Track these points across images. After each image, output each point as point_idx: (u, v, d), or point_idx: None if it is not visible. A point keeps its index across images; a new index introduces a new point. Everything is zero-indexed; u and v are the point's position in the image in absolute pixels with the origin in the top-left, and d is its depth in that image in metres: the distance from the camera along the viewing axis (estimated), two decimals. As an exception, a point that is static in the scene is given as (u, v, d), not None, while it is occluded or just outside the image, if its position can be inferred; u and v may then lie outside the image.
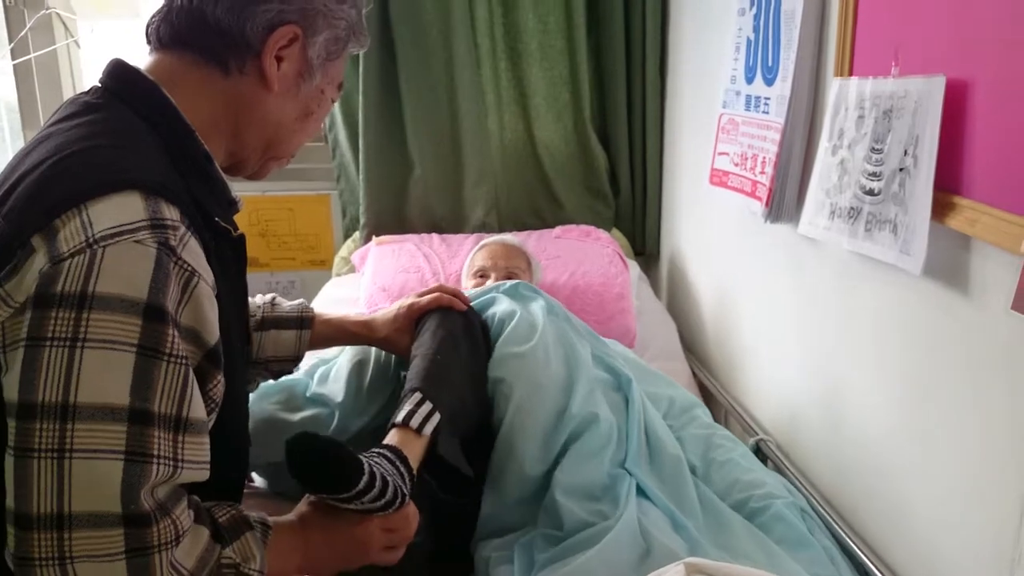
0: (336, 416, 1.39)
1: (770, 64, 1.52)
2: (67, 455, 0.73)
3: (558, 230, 2.31)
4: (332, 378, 1.45)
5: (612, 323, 1.97)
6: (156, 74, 0.94)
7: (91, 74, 2.52)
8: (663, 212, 2.47)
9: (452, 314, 1.34)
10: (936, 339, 1.11)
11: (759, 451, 1.57)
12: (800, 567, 1.16)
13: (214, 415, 0.88)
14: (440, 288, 1.40)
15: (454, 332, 1.29)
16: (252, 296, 1.25)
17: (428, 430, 1.11)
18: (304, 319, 1.34)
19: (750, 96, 1.62)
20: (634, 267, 2.28)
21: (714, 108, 1.80)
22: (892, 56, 1.16)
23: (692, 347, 2.14)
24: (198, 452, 0.81)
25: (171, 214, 0.82)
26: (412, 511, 1.04)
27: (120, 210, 0.79)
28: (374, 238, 2.32)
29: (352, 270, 2.37)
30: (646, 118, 2.41)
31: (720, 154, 1.77)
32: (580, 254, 2.15)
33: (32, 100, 2.44)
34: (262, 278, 2.61)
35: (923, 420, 1.15)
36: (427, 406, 1.13)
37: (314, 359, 1.58)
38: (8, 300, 0.76)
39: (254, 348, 1.29)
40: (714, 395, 1.90)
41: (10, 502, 0.74)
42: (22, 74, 2.41)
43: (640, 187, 2.49)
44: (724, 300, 1.94)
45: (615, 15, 2.34)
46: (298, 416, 1.39)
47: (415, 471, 1.07)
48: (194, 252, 0.83)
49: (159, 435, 0.77)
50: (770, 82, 1.52)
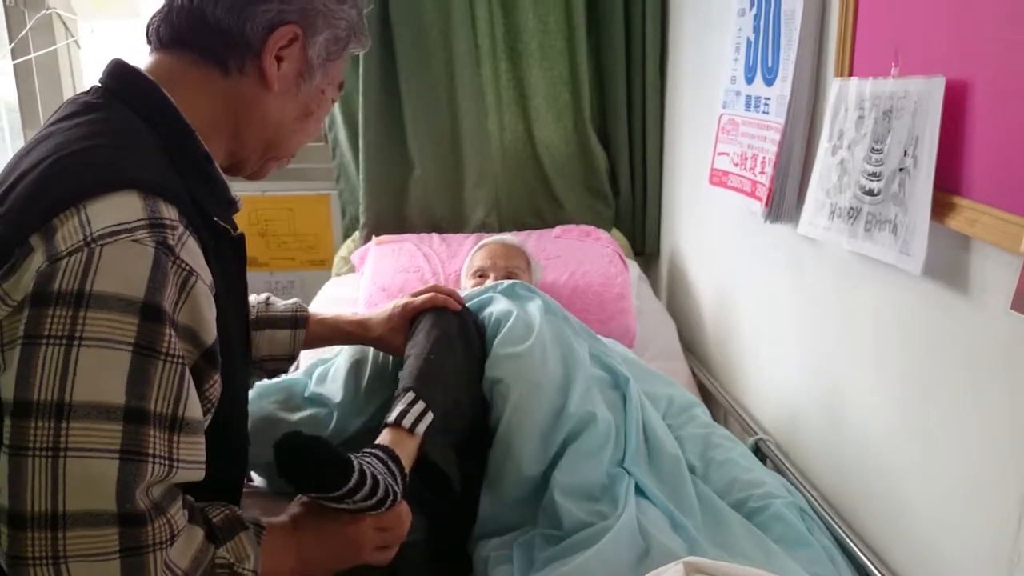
0: (335, 416, 1.39)
1: (770, 64, 1.52)
2: (62, 454, 0.72)
3: (558, 230, 2.31)
4: (330, 378, 1.45)
5: (612, 323, 1.97)
6: (156, 74, 0.94)
7: (91, 74, 2.52)
8: (663, 212, 2.47)
9: (446, 314, 1.34)
10: (936, 339, 1.11)
11: (758, 451, 1.57)
12: (799, 566, 1.16)
13: (210, 415, 0.88)
14: (435, 288, 1.40)
15: (448, 332, 1.29)
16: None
17: (421, 429, 1.11)
18: (299, 318, 1.34)
19: (750, 96, 1.62)
20: (634, 267, 2.28)
21: (714, 108, 1.80)
22: (892, 56, 1.16)
23: (692, 347, 2.14)
24: (193, 452, 0.81)
25: (169, 214, 0.82)
26: (404, 510, 1.04)
27: (118, 209, 0.79)
28: (374, 238, 2.31)
29: (352, 270, 2.37)
30: (646, 118, 2.41)
31: (720, 154, 1.77)
32: (580, 254, 2.15)
33: (32, 100, 2.43)
34: (262, 278, 2.61)
35: (923, 420, 1.15)
36: (420, 405, 1.13)
37: (313, 358, 1.58)
38: (6, 299, 0.76)
39: None
40: (714, 395, 1.89)
41: (4, 501, 0.73)
42: (22, 74, 2.41)
43: (640, 187, 2.49)
44: (724, 300, 1.94)
45: (615, 15, 2.34)
46: (297, 416, 1.39)
47: (407, 470, 1.06)
48: (192, 252, 0.83)
49: (154, 434, 0.76)
50: (770, 82, 1.52)
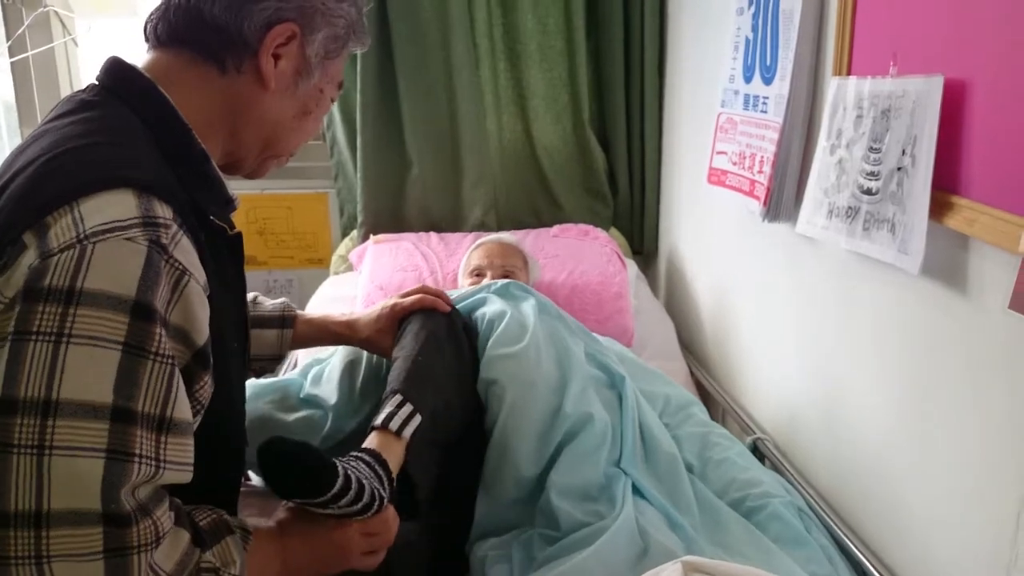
0: (329, 418, 1.38)
1: (768, 63, 1.52)
2: (47, 452, 0.71)
3: (556, 229, 2.30)
4: (325, 379, 1.45)
5: (610, 322, 1.97)
6: (153, 72, 0.93)
7: (88, 72, 2.52)
8: (661, 211, 2.47)
9: (435, 315, 1.33)
10: (934, 338, 1.11)
11: (756, 450, 1.57)
12: (797, 565, 1.16)
13: (200, 416, 0.87)
14: (423, 289, 1.39)
15: (437, 333, 1.28)
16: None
17: (408, 433, 1.10)
18: (286, 318, 1.33)
19: (748, 95, 1.62)
20: (632, 266, 2.28)
21: (712, 107, 1.80)
22: (890, 56, 1.16)
23: (690, 346, 2.14)
24: (181, 453, 0.80)
25: (164, 212, 0.81)
26: (391, 515, 1.03)
27: (112, 207, 0.78)
28: (372, 237, 2.31)
29: (350, 268, 2.36)
30: (645, 118, 2.41)
31: (718, 153, 1.77)
32: (578, 253, 2.14)
33: (29, 98, 2.43)
34: (260, 276, 2.61)
35: (921, 419, 1.15)
36: (407, 408, 1.12)
37: (308, 358, 1.57)
38: None
39: None
40: (712, 394, 1.89)
41: None
42: (19, 72, 2.41)
43: (638, 186, 2.49)
44: (722, 299, 1.94)
45: (614, 16, 2.34)
46: (292, 417, 1.39)
47: (395, 474, 1.05)
48: (186, 251, 0.82)
49: (141, 434, 0.75)
50: (768, 81, 1.52)
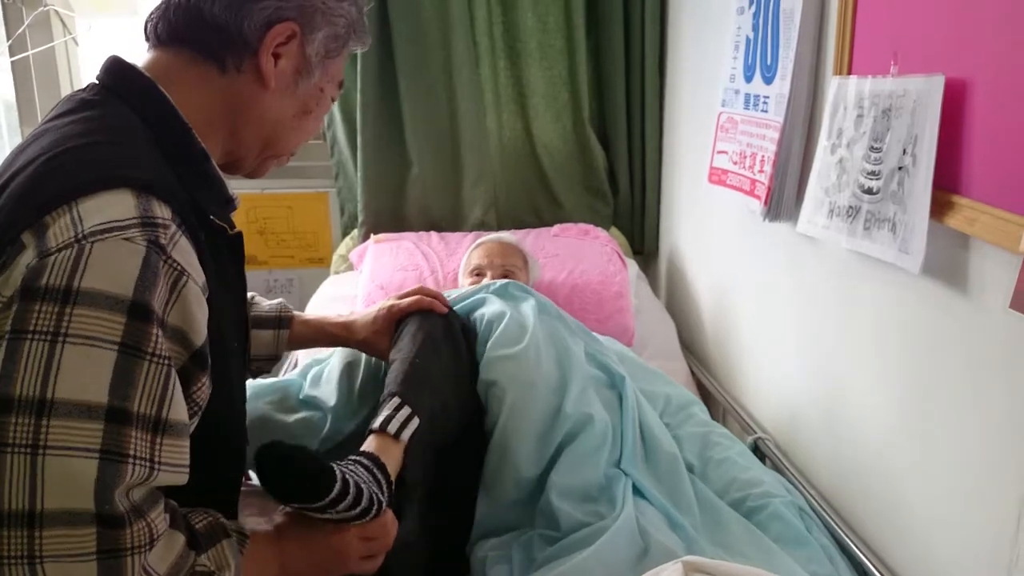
0: (328, 420, 1.38)
1: (769, 63, 1.52)
2: (41, 451, 0.71)
3: (556, 228, 2.30)
4: (324, 380, 1.44)
5: (610, 322, 1.97)
6: (153, 71, 0.93)
7: (89, 71, 2.52)
8: (662, 211, 2.47)
9: (432, 317, 1.33)
10: (935, 338, 1.11)
11: (757, 449, 1.57)
12: (797, 565, 1.16)
13: (197, 418, 0.87)
14: (421, 290, 1.38)
15: (434, 335, 1.28)
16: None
17: (406, 435, 1.10)
18: (282, 319, 1.33)
19: (749, 95, 1.62)
20: (633, 266, 2.28)
21: (713, 107, 1.80)
22: (891, 55, 1.16)
23: (691, 346, 2.14)
24: (176, 455, 0.80)
25: (163, 212, 0.81)
26: (390, 519, 1.02)
27: (111, 207, 0.78)
28: (372, 236, 2.31)
29: (350, 268, 2.36)
30: (645, 117, 2.41)
31: (719, 152, 1.76)
32: (579, 252, 2.14)
33: (30, 97, 2.43)
34: (260, 276, 2.61)
35: (921, 419, 1.15)
36: (405, 411, 1.11)
37: (308, 359, 1.57)
38: None
39: None
40: (712, 394, 1.89)
41: None
42: (20, 71, 2.41)
43: (639, 186, 2.49)
44: (723, 299, 1.94)
45: (614, 14, 2.34)
46: (292, 418, 1.38)
47: (393, 477, 1.05)
48: (184, 251, 0.82)
49: (136, 435, 0.75)
50: (769, 81, 1.52)
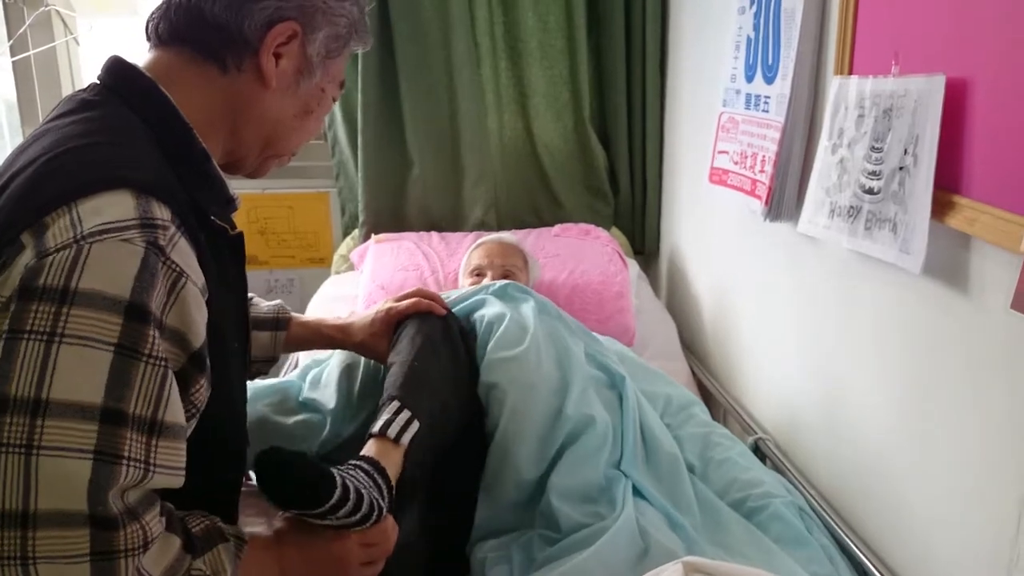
0: (328, 422, 1.37)
1: (770, 63, 1.52)
2: (35, 451, 0.71)
3: (557, 228, 2.30)
4: (323, 382, 1.44)
5: (611, 322, 1.96)
6: (154, 71, 0.93)
7: (90, 71, 2.52)
8: (662, 211, 2.47)
9: (431, 319, 1.32)
10: (936, 338, 1.11)
11: (757, 450, 1.57)
12: (798, 566, 1.16)
13: (195, 420, 0.86)
14: (418, 292, 1.38)
15: (432, 337, 1.27)
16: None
17: (406, 439, 1.09)
18: (280, 320, 1.32)
19: (750, 95, 1.62)
20: (633, 266, 2.27)
21: (714, 107, 1.80)
22: (892, 55, 1.16)
23: (691, 346, 2.14)
24: (172, 457, 0.79)
25: (162, 214, 0.81)
26: (390, 525, 1.02)
27: (110, 208, 0.78)
28: (373, 236, 2.31)
29: (351, 268, 2.36)
30: (646, 117, 2.40)
31: (720, 152, 1.76)
32: (579, 252, 2.14)
33: (31, 97, 2.43)
34: (261, 276, 2.61)
35: (922, 419, 1.14)
36: (405, 415, 1.11)
37: (308, 359, 1.57)
38: None
39: None
40: (713, 394, 1.89)
41: None
42: (21, 71, 2.41)
43: (640, 186, 2.49)
44: (723, 299, 1.94)
45: (615, 14, 2.34)
46: (291, 420, 1.38)
47: (393, 481, 1.04)
48: (184, 253, 0.82)
49: (131, 437, 0.75)
50: (770, 80, 1.52)
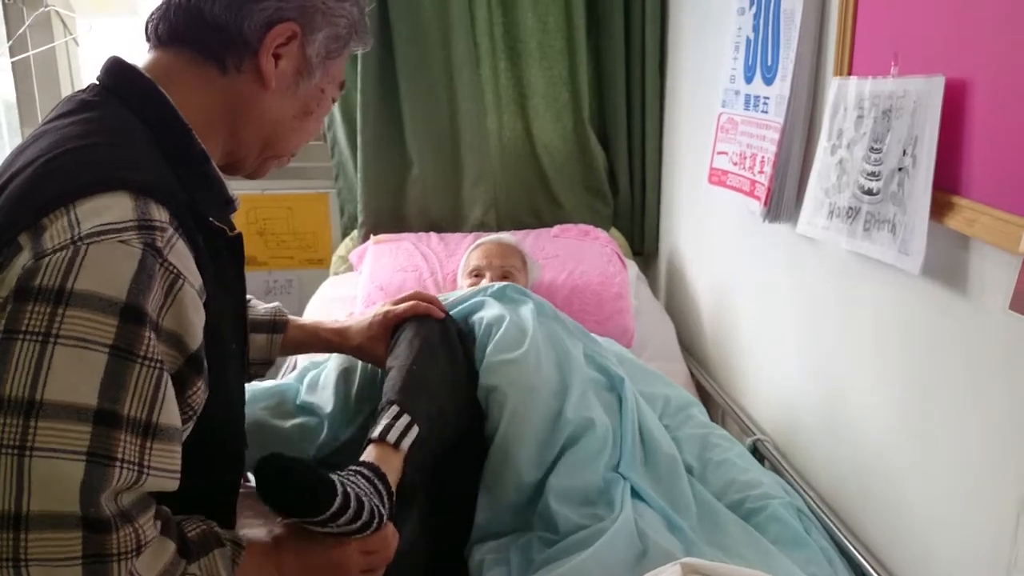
0: (325, 426, 1.37)
1: (769, 64, 1.52)
2: (28, 452, 0.71)
3: (556, 229, 2.30)
4: (320, 385, 1.44)
5: (610, 323, 1.96)
6: (154, 72, 0.93)
7: (89, 72, 2.52)
8: (662, 211, 2.47)
9: (429, 322, 1.32)
10: (935, 339, 1.11)
11: (756, 451, 1.57)
12: (796, 567, 1.16)
13: (192, 422, 0.86)
14: (416, 295, 1.37)
15: (430, 341, 1.27)
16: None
17: (406, 444, 1.09)
18: (277, 323, 1.32)
19: (749, 95, 1.62)
20: (632, 267, 2.27)
21: (713, 107, 1.80)
22: (891, 56, 1.16)
23: (690, 347, 2.14)
24: (167, 460, 0.79)
25: (160, 215, 0.81)
26: (391, 532, 1.02)
27: (108, 210, 0.78)
28: (372, 237, 2.31)
29: (350, 269, 2.36)
30: (645, 117, 2.41)
31: (719, 153, 1.76)
32: (578, 253, 2.14)
33: (30, 98, 2.43)
34: (260, 277, 2.61)
35: (921, 420, 1.14)
36: (404, 419, 1.10)
37: (306, 361, 1.57)
38: None
39: None
40: (712, 395, 1.89)
41: None
42: (20, 71, 2.41)
43: (639, 186, 2.49)
44: (722, 300, 1.94)
45: (615, 15, 2.34)
46: (288, 423, 1.38)
47: (394, 487, 1.04)
48: (181, 255, 0.82)
49: (125, 439, 0.75)
50: (769, 81, 1.52)
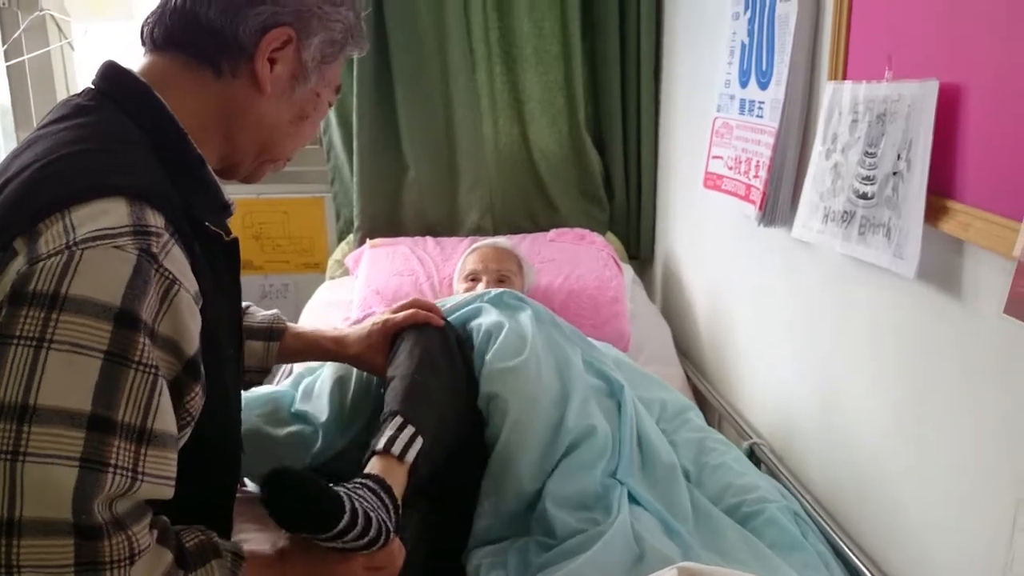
0: (320, 435, 1.36)
1: (764, 68, 1.53)
2: (21, 458, 0.70)
3: (552, 233, 2.30)
4: (315, 393, 1.43)
5: (606, 327, 1.97)
6: (149, 76, 0.93)
7: (85, 76, 2.52)
8: (657, 215, 2.47)
9: (428, 331, 1.31)
10: (930, 343, 1.11)
11: (752, 455, 1.57)
12: (793, 571, 1.16)
13: (190, 428, 0.86)
14: (415, 303, 1.36)
15: (431, 350, 1.26)
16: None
17: (411, 456, 1.08)
18: (274, 331, 1.30)
19: (744, 100, 1.62)
20: (628, 271, 2.28)
21: (708, 112, 1.81)
22: (886, 60, 1.16)
23: (686, 351, 2.14)
24: (161, 466, 0.78)
25: (155, 221, 0.81)
26: (397, 547, 1.01)
27: (104, 215, 0.78)
28: (368, 241, 2.31)
29: (346, 273, 2.36)
30: (641, 122, 2.41)
31: (714, 158, 1.77)
32: (574, 257, 2.14)
33: (25, 102, 2.43)
34: (256, 281, 2.60)
35: (917, 424, 1.15)
36: (409, 430, 1.09)
37: (302, 368, 1.56)
38: None
39: None
40: (708, 399, 1.89)
41: None
42: (15, 76, 2.41)
43: (634, 191, 2.50)
44: (718, 304, 1.94)
45: (610, 20, 2.35)
46: (284, 431, 1.37)
47: (400, 500, 1.03)
48: (177, 260, 0.82)
49: (119, 444, 0.74)
50: (764, 86, 1.52)
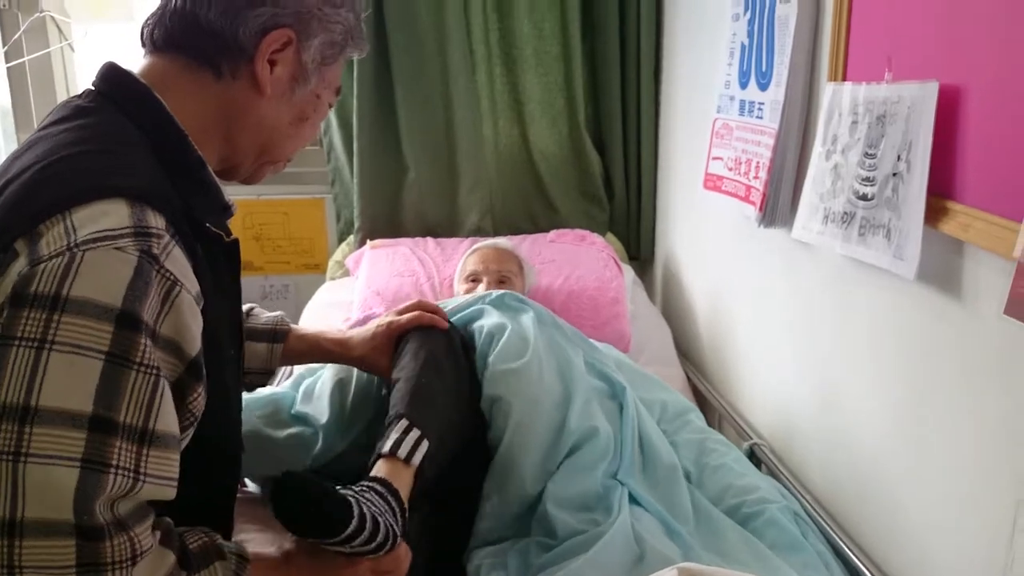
0: (320, 437, 1.36)
1: (764, 69, 1.53)
2: (23, 459, 0.71)
3: (552, 234, 2.30)
4: (316, 395, 1.43)
5: (607, 328, 1.97)
6: (149, 77, 0.93)
7: (84, 77, 2.52)
8: (657, 216, 2.47)
9: (433, 333, 1.31)
10: (930, 344, 1.11)
11: (753, 455, 1.57)
12: (793, 571, 1.16)
13: (192, 429, 0.86)
14: (420, 305, 1.36)
15: (436, 353, 1.26)
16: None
17: (417, 459, 1.08)
18: (278, 332, 1.30)
19: (744, 101, 1.62)
20: (628, 271, 2.28)
21: (708, 113, 1.81)
22: (886, 62, 1.16)
23: (686, 352, 2.14)
24: (163, 467, 0.78)
25: (156, 222, 0.81)
26: (404, 552, 1.01)
27: (105, 217, 0.78)
28: (368, 242, 2.31)
29: (346, 274, 2.36)
30: (641, 123, 2.41)
31: (714, 159, 1.77)
32: (575, 258, 2.15)
33: (25, 103, 2.43)
34: (256, 282, 2.61)
35: (917, 424, 1.15)
36: (415, 434, 1.09)
37: (303, 368, 1.56)
38: None
39: None
40: (708, 399, 1.89)
41: None
42: (16, 77, 2.41)
43: (635, 192, 2.50)
44: (718, 304, 1.94)
45: (610, 21, 2.35)
46: (284, 433, 1.37)
47: (406, 503, 1.03)
48: (178, 261, 0.82)
49: (120, 445, 0.74)
50: (764, 87, 1.52)
